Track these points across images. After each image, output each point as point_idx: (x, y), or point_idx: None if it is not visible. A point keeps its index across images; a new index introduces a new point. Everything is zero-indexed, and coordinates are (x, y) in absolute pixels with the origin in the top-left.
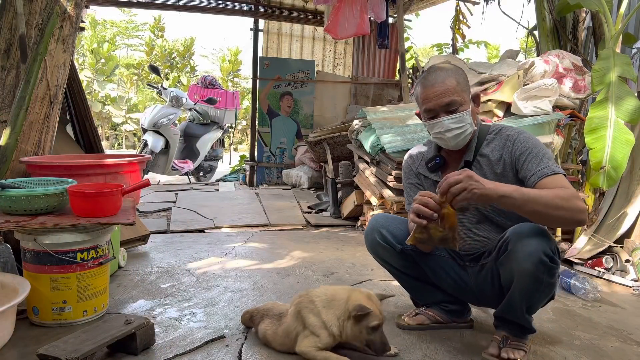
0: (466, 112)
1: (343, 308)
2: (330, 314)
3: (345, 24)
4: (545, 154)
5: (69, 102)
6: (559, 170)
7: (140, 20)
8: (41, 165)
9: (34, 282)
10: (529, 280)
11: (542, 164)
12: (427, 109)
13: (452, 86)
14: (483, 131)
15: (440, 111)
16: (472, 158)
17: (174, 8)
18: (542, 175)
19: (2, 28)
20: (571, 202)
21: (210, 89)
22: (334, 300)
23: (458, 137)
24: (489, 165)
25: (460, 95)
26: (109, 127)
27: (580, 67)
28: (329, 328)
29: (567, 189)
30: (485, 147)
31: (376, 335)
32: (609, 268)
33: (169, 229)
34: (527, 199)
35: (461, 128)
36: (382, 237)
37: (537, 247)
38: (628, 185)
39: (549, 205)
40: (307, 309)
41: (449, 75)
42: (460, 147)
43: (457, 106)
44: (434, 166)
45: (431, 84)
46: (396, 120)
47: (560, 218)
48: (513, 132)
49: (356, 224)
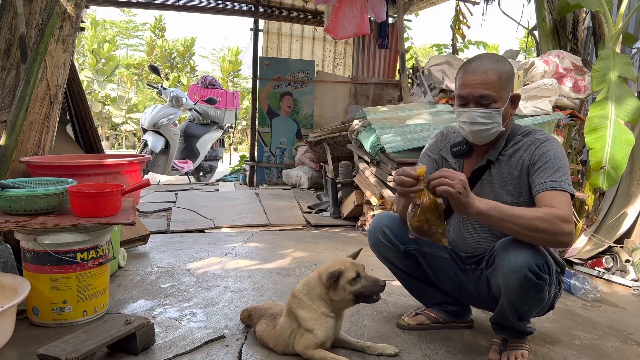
0: (497, 110)
1: (319, 285)
2: (315, 299)
3: (346, 24)
4: (561, 167)
5: (69, 102)
6: (567, 188)
7: (140, 20)
8: (41, 165)
9: (34, 282)
10: (515, 296)
11: (553, 177)
12: (460, 95)
13: (492, 80)
14: (514, 131)
15: (472, 101)
16: (495, 157)
17: (174, 8)
18: (546, 188)
19: (2, 28)
20: (554, 225)
21: (210, 89)
22: (309, 285)
23: (481, 133)
24: (508, 166)
25: (497, 91)
26: (109, 127)
27: (580, 67)
28: (319, 312)
29: (556, 210)
30: (511, 147)
31: (360, 283)
32: (609, 268)
33: (169, 229)
34: (504, 219)
35: (487, 125)
36: (385, 236)
37: (523, 263)
38: (628, 185)
39: (526, 227)
40: (295, 305)
41: (494, 68)
42: (482, 143)
43: (489, 101)
44: (458, 152)
45: (472, 71)
46: (396, 120)
47: (539, 240)
48: (542, 136)
49: (356, 224)
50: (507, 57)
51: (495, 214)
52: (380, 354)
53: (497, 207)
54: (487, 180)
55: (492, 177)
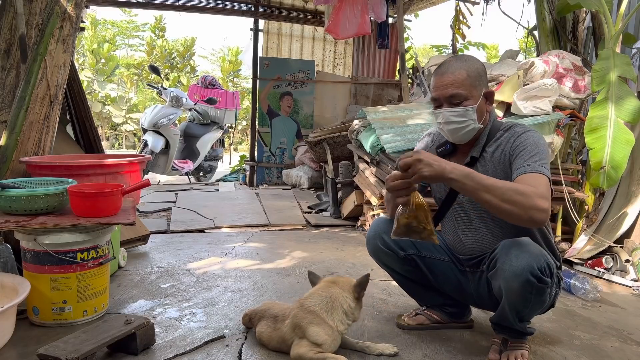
0: (470, 107)
1: (348, 299)
2: (337, 315)
3: (347, 24)
4: (538, 152)
5: (69, 102)
6: (543, 171)
7: (140, 20)
8: (41, 165)
9: (34, 282)
10: (516, 299)
11: (529, 161)
12: (433, 97)
13: (460, 79)
14: (495, 128)
15: (444, 102)
16: (478, 154)
17: (174, 8)
18: (523, 171)
19: (2, 28)
20: (529, 199)
21: (210, 89)
22: (332, 299)
23: (457, 132)
24: (492, 162)
25: (467, 89)
26: (109, 127)
27: (580, 67)
28: (336, 329)
29: (532, 187)
30: (493, 143)
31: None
32: (609, 268)
33: (169, 229)
34: (478, 187)
35: (461, 123)
36: (384, 243)
37: (525, 266)
38: (628, 185)
39: (500, 197)
40: (306, 321)
41: (462, 67)
42: (462, 142)
43: (461, 100)
44: (443, 152)
45: (442, 73)
46: (396, 120)
47: (511, 212)
48: (521, 129)
49: (356, 224)
50: (507, 57)
51: (468, 182)
52: (379, 354)
53: (471, 175)
54: None
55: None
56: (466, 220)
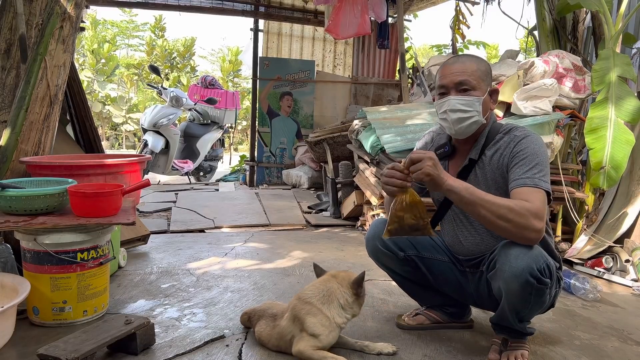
0: (477, 98)
1: (346, 294)
2: (334, 307)
3: (347, 24)
4: (538, 163)
5: (69, 102)
6: (542, 185)
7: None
8: (41, 165)
9: (34, 282)
10: (516, 299)
11: (529, 173)
12: (439, 85)
13: (470, 69)
14: (494, 129)
15: (452, 89)
16: (477, 156)
17: (174, 8)
18: (521, 184)
19: (2, 28)
20: (524, 218)
21: (210, 89)
22: (329, 292)
23: (461, 122)
24: (491, 165)
25: (476, 80)
26: (109, 127)
27: (580, 67)
28: (333, 321)
29: (528, 204)
30: (493, 146)
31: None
32: (609, 268)
33: (169, 229)
34: (473, 201)
35: (467, 113)
36: (384, 244)
37: (525, 267)
38: (628, 185)
39: (495, 214)
40: (304, 312)
41: (472, 61)
42: (464, 136)
43: (469, 88)
44: (442, 154)
45: (451, 64)
46: (396, 120)
47: (505, 230)
48: (521, 133)
49: (356, 224)
50: (507, 57)
51: (465, 195)
52: (379, 353)
53: (469, 189)
54: (473, 181)
55: (478, 179)
56: (465, 222)
